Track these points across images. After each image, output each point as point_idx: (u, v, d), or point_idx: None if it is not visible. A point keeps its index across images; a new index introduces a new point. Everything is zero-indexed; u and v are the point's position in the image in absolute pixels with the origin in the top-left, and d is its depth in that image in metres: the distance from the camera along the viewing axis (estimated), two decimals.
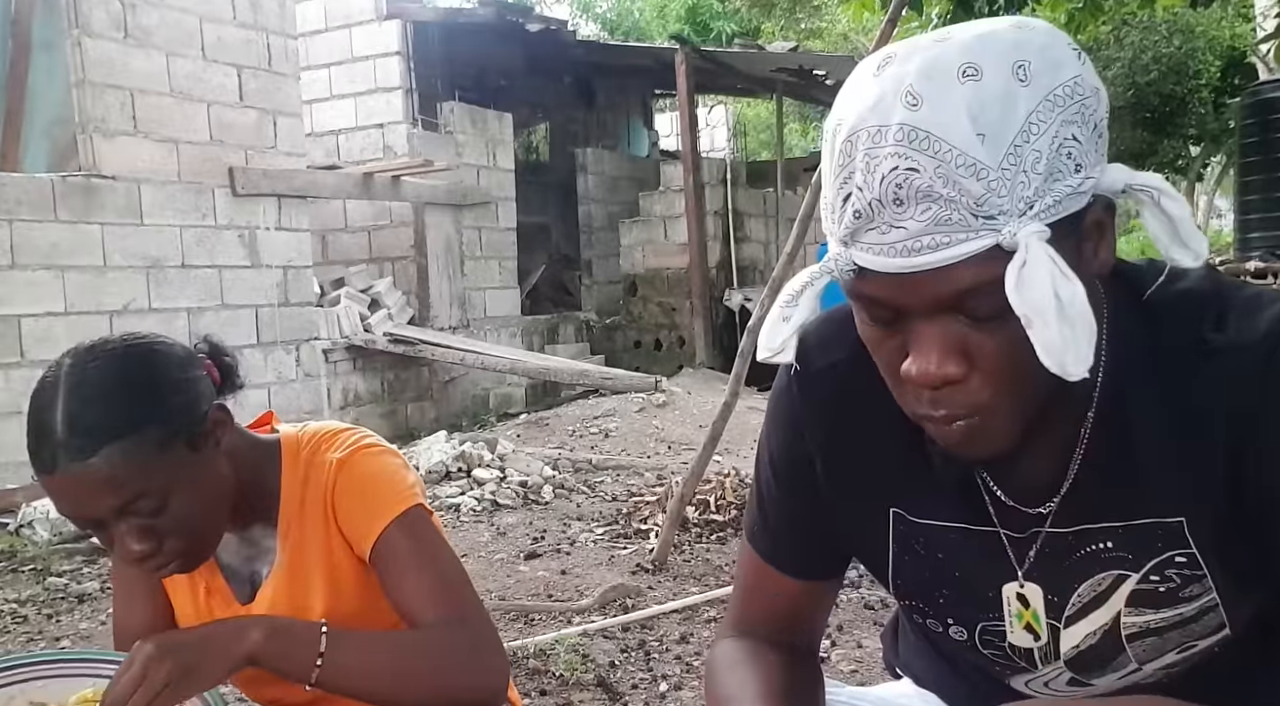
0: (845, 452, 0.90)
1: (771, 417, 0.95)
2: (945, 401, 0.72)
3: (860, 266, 0.70)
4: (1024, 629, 0.86)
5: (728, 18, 15.99)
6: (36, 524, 4.15)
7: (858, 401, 0.86)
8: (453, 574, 1.18)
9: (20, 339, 4.92)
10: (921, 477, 0.86)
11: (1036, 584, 0.84)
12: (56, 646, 3.10)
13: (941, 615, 0.90)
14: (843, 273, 0.72)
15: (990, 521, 0.84)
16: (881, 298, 0.71)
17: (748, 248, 10.27)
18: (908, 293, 0.69)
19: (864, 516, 0.90)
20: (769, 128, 14.88)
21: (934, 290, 0.69)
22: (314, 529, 1.20)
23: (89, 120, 5.27)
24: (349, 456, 1.19)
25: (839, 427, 0.90)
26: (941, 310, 0.70)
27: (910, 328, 0.71)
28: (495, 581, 3.53)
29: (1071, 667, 0.87)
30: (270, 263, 6.23)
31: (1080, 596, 0.84)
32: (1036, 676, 0.90)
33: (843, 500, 0.92)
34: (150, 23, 5.53)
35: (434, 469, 4.91)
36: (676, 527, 3.73)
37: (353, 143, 7.96)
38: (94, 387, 1.03)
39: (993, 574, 0.86)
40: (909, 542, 0.89)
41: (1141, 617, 0.82)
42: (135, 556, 1.06)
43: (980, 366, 0.71)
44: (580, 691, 2.58)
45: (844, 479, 0.91)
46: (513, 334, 8.61)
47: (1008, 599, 0.85)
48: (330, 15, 8.02)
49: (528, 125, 11.87)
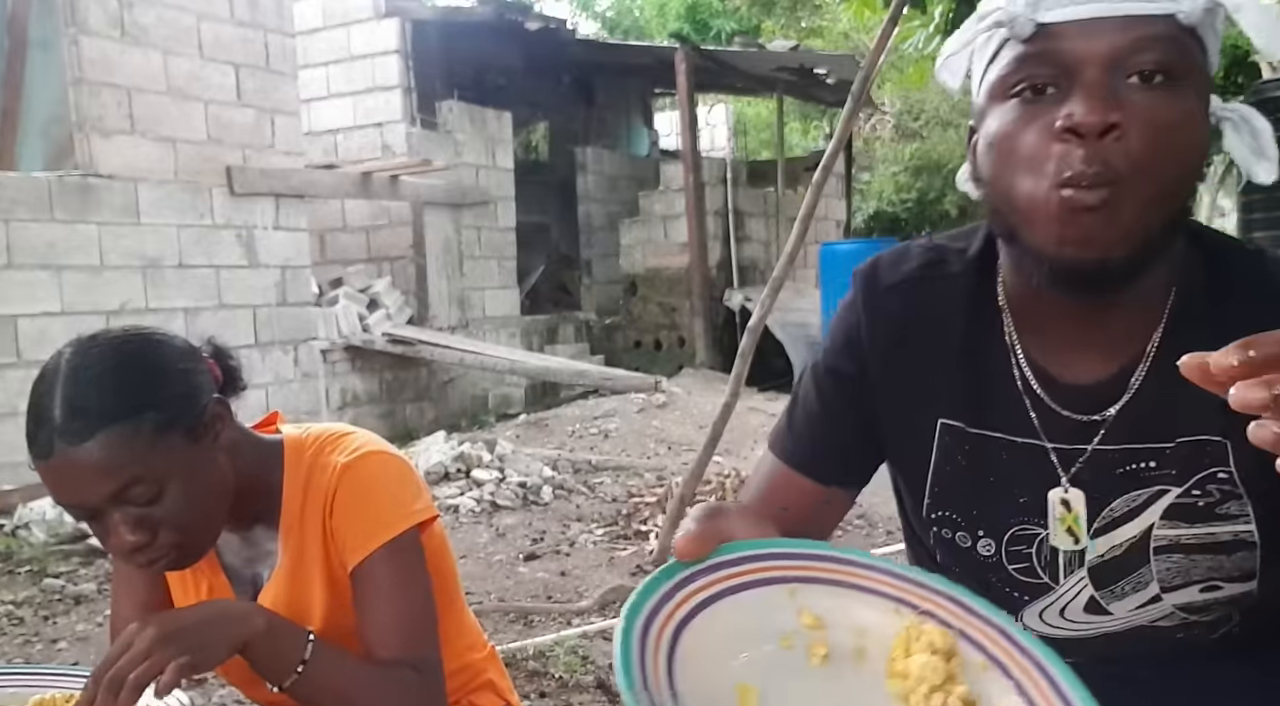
0: (902, 364, 0.95)
1: (832, 330, 1.01)
2: (1098, 157, 0.75)
3: (1040, 24, 0.78)
4: (1065, 532, 0.89)
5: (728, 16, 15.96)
6: (33, 525, 4.13)
7: (921, 315, 0.95)
8: (421, 615, 1.17)
9: (16, 339, 4.90)
10: (974, 389, 0.92)
11: (1080, 490, 0.88)
12: (53, 648, 3.09)
13: (973, 527, 0.94)
14: (1021, 30, 0.79)
15: (1038, 434, 0.89)
16: (1057, 51, 0.78)
17: (748, 247, 10.25)
18: (1090, 41, 0.77)
19: (911, 426, 0.95)
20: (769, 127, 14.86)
21: (1115, 39, 0.76)
22: (314, 532, 1.18)
23: (85, 119, 5.25)
24: (354, 462, 1.17)
25: (899, 340, 0.96)
26: (1115, 64, 0.77)
27: (1074, 86, 0.77)
28: (494, 582, 3.51)
29: (1094, 580, 0.90)
30: (268, 262, 6.21)
31: (1113, 510, 0.88)
32: (1054, 600, 0.92)
33: (892, 410, 0.97)
34: (147, 21, 5.51)
35: (433, 469, 4.90)
36: (676, 528, 3.71)
37: (351, 142, 7.94)
38: (93, 373, 1.04)
39: (1036, 481, 0.90)
40: (952, 453, 0.94)
41: (1174, 530, 0.86)
42: (129, 547, 1.04)
43: (1138, 128, 0.76)
44: (580, 693, 2.56)
45: (897, 389, 0.96)
46: (512, 334, 8.58)
47: (1052, 503, 0.89)
48: (328, 13, 8.00)
49: (527, 124, 11.85)
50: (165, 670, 0.96)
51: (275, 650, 1.06)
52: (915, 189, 14.16)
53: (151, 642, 0.97)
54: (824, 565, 0.72)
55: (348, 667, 1.11)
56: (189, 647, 0.98)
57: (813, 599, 0.70)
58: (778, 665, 0.67)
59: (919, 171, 14.16)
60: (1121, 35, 0.76)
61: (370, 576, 1.15)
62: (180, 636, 0.99)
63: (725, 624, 0.67)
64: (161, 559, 1.08)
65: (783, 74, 10.58)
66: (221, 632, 1.03)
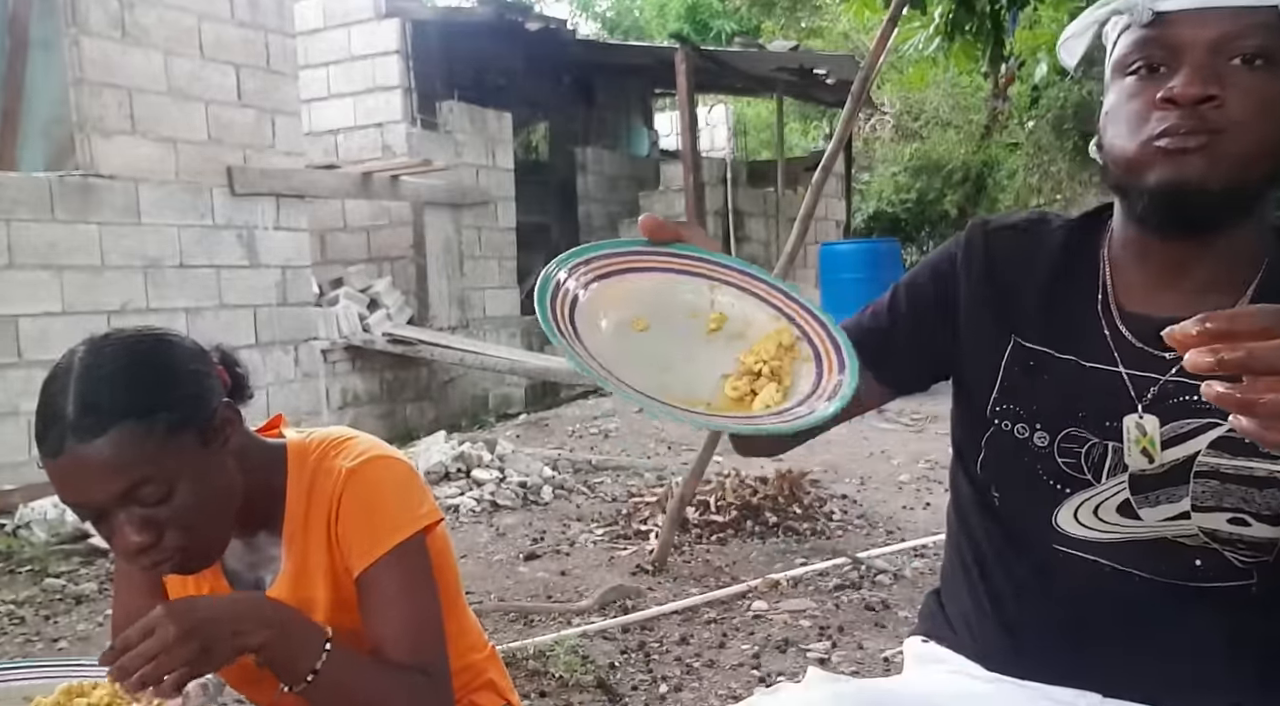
0: (988, 289, 1.07)
1: (932, 257, 1.14)
2: (1194, 116, 0.87)
3: (1157, 13, 0.90)
4: (1140, 453, 0.97)
5: (728, 16, 15.97)
6: (34, 525, 4.14)
7: (1015, 252, 1.07)
8: (429, 620, 1.17)
9: (18, 339, 4.90)
10: (1054, 317, 1.03)
11: (1155, 416, 0.97)
12: (54, 647, 3.09)
13: (1032, 420, 1.03)
14: (1140, 17, 0.91)
15: (1115, 361, 0.99)
16: (1169, 35, 0.90)
17: (748, 247, 10.25)
18: (1199, 28, 0.88)
19: (986, 341, 1.07)
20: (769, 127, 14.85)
21: (1221, 26, 0.88)
22: (318, 538, 1.18)
23: (86, 119, 5.25)
24: (359, 467, 1.17)
25: (990, 270, 1.07)
26: (1219, 48, 0.88)
27: (1180, 66, 0.89)
28: (494, 582, 3.52)
29: (1133, 486, 0.98)
30: (268, 262, 6.21)
31: (1164, 433, 0.96)
32: (1091, 495, 1.00)
33: (971, 326, 1.08)
34: (148, 21, 5.51)
35: (433, 469, 4.90)
36: (676, 528, 3.71)
37: (351, 142, 7.93)
38: (107, 371, 1.04)
39: (1102, 401, 0.99)
40: (1022, 365, 1.04)
41: (1217, 460, 0.94)
42: (134, 548, 1.04)
43: (1236, 99, 0.87)
44: (580, 693, 2.57)
45: (978, 309, 1.07)
46: (512, 334, 8.58)
47: (1128, 427, 0.98)
48: (329, 14, 7.99)
49: (527, 124, 11.84)
50: (170, 673, 0.97)
51: (290, 651, 1.06)
52: (915, 189, 14.14)
53: (161, 644, 0.97)
54: (743, 278, 0.95)
55: (362, 669, 1.11)
56: (200, 649, 0.99)
57: (725, 297, 0.94)
58: (676, 319, 0.91)
59: (919, 171, 14.14)
60: (1227, 23, 0.88)
61: (377, 582, 1.15)
62: (193, 636, 0.99)
63: (652, 283, 0.91)
64: (166, 561, 1.08)
65: (783, 74, 10.58)
66: (234, 633, 1.03)
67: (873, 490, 4.81)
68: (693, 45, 10.10)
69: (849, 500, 4.52)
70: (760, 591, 3.31)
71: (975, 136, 13.97)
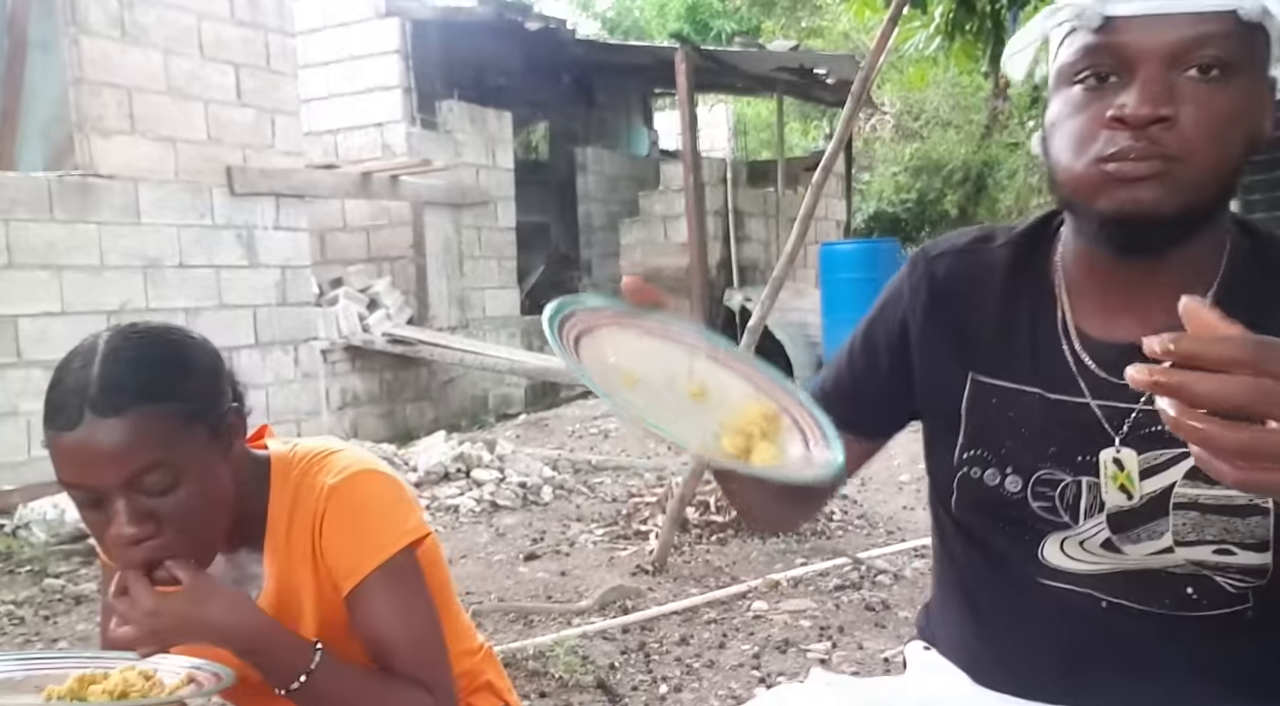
0: (938, 321, 1.03)
1: (881, 296, 1.10)
2: (1144, 139, 0.82)
3: (1107, 17, 0.83)
4: (1118, 489, 0.93)
5: (728, 16, 15.96)
6: (33, 525, 4.13)
7: (962, 278, 1.02)
8: (428, 635, 1.17)
9: (17, 339, 4.89)
10: (1011, 348, 0.98)
11: (1132, 449, 0.92)
12: (54, 647, 3.09)
13: (1002, 465, 0.98)
14: (1089, 22, 0.84)
15: (1082, 392, 0.94)
16: (1121, 44, 0.84)
17: (748, 247, 10.24)
18: (1152, 35, 0.82)
19: (944, 379, 1.02)
20: (769, 127, 14.84)
21: (1176, 34, 0.82)
22: (302, 555, 1.16)
23: (85, 119, 5.25)
24: (342, 484, 1.16)
25: (938, 300, 1.03)
26: (1174, 58, 0.82)
27: (1132, 79, 0.83)
28: (494, 582, 3.51)
29: (1112, 525, 0.94)
30: (268, 262, 6.21)
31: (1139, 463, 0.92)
32: (1074, 534, 0.96)
33: (926, 363, 1.04)
34: (147, 21, 5.51)
35: (433, 469, 4.89)
36: (676, 529, 3.71)
37: (351, 142, 7.93)
38: (131, 356, 1.05)
39: (1072, 436, 0.95)
40: (984, 404, 1.00)
41: (1195, 490, 0.90)
42: (127, 539, 1.02)
43: (1190, 117, 0.82)
44: (580, 693, 2.56)
45: (932, 344, 1.03)
46: (512, 334, 8.58)
47: (1104, 463, 0.93)
48: (328, 13, 7.99)
49: (527, 124, 11.84)
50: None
51: (274, 663, 1.08)
52: (915, 189, 14.15)
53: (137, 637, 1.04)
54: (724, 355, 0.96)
55: (357, 682, 1.12)
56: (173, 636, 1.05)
57: (705, 368, 0.94)
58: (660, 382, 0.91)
59: (919, 171, 14.15)
60: (1182, 31, 0.82)
61: (368, 600, 1.14)
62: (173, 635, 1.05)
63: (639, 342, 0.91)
64: (155, 559, 1.06)
65: (783, 74, 10.57)
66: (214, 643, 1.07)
67: (873, 490, 4.81)
68: (693, 45, 10.09)
69: (849, 500, 4.52)
70: (760, 591, 3.31)
71: (975, 136, 13.98)
